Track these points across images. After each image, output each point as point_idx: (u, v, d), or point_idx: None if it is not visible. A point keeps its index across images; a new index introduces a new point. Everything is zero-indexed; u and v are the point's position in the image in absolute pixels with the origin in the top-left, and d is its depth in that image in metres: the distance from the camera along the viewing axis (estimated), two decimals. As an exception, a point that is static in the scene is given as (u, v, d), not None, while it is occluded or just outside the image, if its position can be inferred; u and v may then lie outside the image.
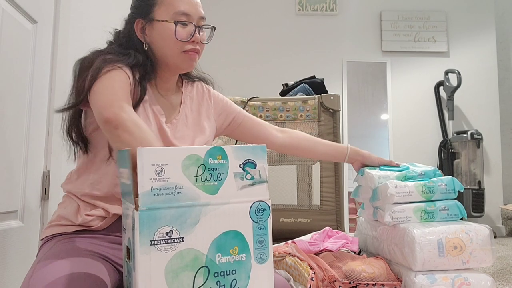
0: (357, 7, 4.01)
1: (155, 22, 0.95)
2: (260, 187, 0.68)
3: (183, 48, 0.95)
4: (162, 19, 0.94)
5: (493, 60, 3.96)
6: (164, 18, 0.94)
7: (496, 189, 3.81)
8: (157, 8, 0.95)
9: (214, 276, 0.64)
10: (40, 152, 1.42)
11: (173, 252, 0.61)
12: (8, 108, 1.20)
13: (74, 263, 0.75)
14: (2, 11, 1.16)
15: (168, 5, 0.94)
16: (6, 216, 1.22)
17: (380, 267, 1.28)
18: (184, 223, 0.62)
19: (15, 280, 1.24)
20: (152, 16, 0.95)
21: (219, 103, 1.13)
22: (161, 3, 0.95)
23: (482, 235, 1.25)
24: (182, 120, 1.02)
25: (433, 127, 3.89)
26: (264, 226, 0.68)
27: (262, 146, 0.69)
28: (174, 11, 0.94)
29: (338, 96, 2.14)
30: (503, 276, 1.96)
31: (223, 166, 0.65)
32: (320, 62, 3.91)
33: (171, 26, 0.94)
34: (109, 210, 0.89)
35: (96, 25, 1.90)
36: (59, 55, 1.49)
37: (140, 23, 0.97)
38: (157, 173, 0.61)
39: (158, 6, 0.95)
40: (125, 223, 0.70)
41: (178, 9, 0.94)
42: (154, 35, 0.96)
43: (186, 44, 0.95)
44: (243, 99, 2.19)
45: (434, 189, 1.36)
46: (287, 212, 2.10)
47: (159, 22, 0.94)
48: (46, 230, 0.91)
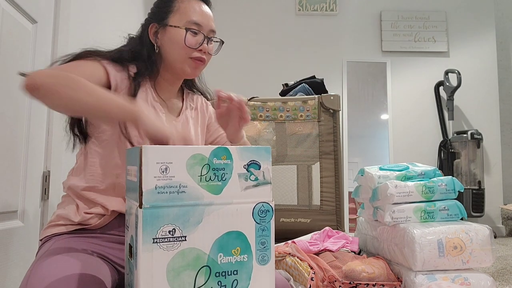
0: (357, 7, 4.01)
1: (168, 27, 1.01)
2: (263, 188, 0.68)
3: (190, 54, 1.01)
4: (175, 25, 1.01)
5: (493, 60, 3.96)
6: (177, 24, 1.01)
7: (496, 189, 3.82)
8: (172, 15, 1.02)
9: (216, 276, 0.64)
10: (40, 152, 1.42)
11: (175, 250, 0.61)
12: (8, 108, 1.20)
13: (73, 263, 0.75)
14: (2, 11, 1.16)
15: (182, 13, 1.01)
16: (6, 216, 1.22)
17: (380, 267, 1.28)
18: (187, 222, 0.62)
19: (15, 280, 1.24)
20: (166, 21, 1.02)
21: (212, 117, 1.18)
22: (176, 11, 1.02)
23: (482, 235, 1.26)
24: (183, 123, 1.06)
25: (433, 127, 3.89)
26: (266, 228, 0.68)
27: (266, 147, 0.69)
28: (187, 20, 1.01)
29: (338, 96, 2.14)
30: (503, 276, 1.96)
31: (228, 166, 0.66)
32: (320, 62, 3.91)
33: (182, 32, 1.00)
34: (107, 207, 0.90)
35: (96, 25, 1.90)
36: (59, 55, 1.49)
37: (154, 27, 1.03)
38: (162, 171, 0.61)
39: (173, 13, 1.02)
40: (128, 221, 0.70)
41: (191, 18, 1.01)
42: (165, 39, 1.02)
43: (194, 51, 1.01)
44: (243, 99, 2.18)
45: (434, 189, 1.36)
46: (287, 212, 2.10)
47: (172, 28, 1.01)
48: (45, 230, 0.92)
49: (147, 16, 1.07)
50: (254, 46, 3.94)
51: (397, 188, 1.34)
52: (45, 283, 0.68)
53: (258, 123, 2.17)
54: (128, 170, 0.73)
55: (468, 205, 3.43)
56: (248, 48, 3.93)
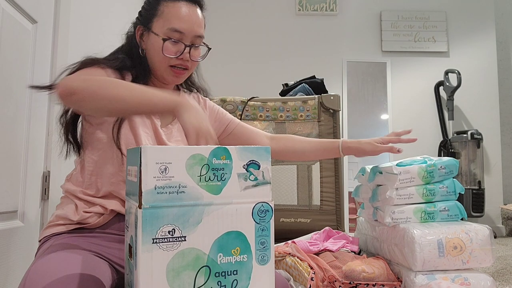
0: (357, 7, 4.01)
1: (150, 32, 0.99)
2: (263, 188, 0.68)
3: (170, 62, 0.99)
4: (156, 32, 0.98)
5: (493, 60, 3.96)
6: (158, 32, 0.98)
7: (496, 189, 3.82)
8: (156, 20, 0.99)
9: (215, 276, 0.63)
10: (40, 152, 1.42)
11: (175, 251, 0.61)
12: (8, 108, 1.20)
13: (71, 262, 0.75)
14: (2, 11, 1.16)
15: (165, 19, 0.98)
16: (6, 216, 1.22)
17: (380, 267, 1.28)
18: (186, 222, 0.62)
19: (15, 280, 1.24)
20: (150, 26, 0.99)
21: (213, 113, 1.18)
22: (160, 16, 0.99)
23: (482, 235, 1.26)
24: (178, 126, 1.05)
25: (433, 127, 3.89)
26: (266, 228, 0.68)
27: (266, 147, 0.69)
28: (169, 27, 0.97)
29: (338, 96, 2.14)
30: (503, 276, 1.96)
31: (227, 166, 0.66)
32: (320, 62, 3.91)
33: (160, 41, 0.97)
34: (106, 207, 0.91)
35: (96, 25, 1.90)
36: (59, 55, 1.49)
37: (140, 29, 1.02)
38: (161, 171, 0.61)
39: (157, 18, 0.99)
40: (128, 221, 0.70)
41: (172, 26, 0.97)
42: (149, 45, 1.00)
43: (174, 60, 0.99)
44: (243, 99, 2.19)
45: (435, 191, 1.36)
46: (287, 212, 2.10)
47: (153, 34, 0.98)
48: (44, 231, 0.92)
49: (136, 17, 1.05)
50: (254, 46, 3.94)
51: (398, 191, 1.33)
52: (43, 283, 0.68)
53: (258, 123, 2.17)
54: (128, 170, 0.73)
55: (468, 205, 3.43)
56: (248, 48, 3.93)
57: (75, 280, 0.70)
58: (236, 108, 2.16)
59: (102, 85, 0.80)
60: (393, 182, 1.31)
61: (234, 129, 1.20)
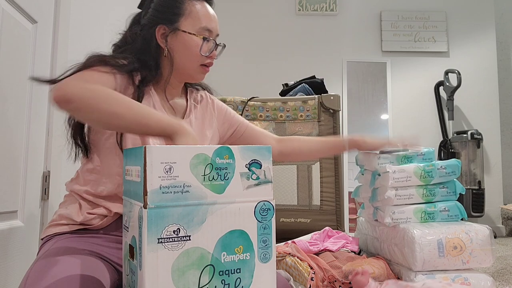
0: (357, 7, 4.01)
1: (180, 32, 0.97)
2: (265, 187, 0.69)
3: (202, 61, 1.00)
4: (189, 31, 0.97)
5: (493, 60, 3.96)
6: (191, 31, 0.97)
7: (496, 189, 3.82)
8: (184, 19, 0.98)
9: (219, 274, 0.64)
10: (40, 152, 1.41)
11: (180, 250, 0.61)
12: (8, 108, 1.20)
13: (73, 263, 0.75)
14: (2, 11, 1.16)
15: (194, 18, 0.98)
16: (6, 216, 1.21)
17: (380, 267, 1.28)
18: (191, 222, 0.62)
19: (15, 280, 1.24)
20: (177, 25, 0.97)
21: (222, 113, 1.16)
22: (188, 15, 0.98)
23: (482, 235, 1.26)
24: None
25: (433, 127, 3.89)
26: (268, 226, 0.68)
27: (267, 147, 0.69)
28: (200, 26, 0.98)
29: (338, 96, 2.14)
30: (503, 276, 1.96)
31: (230, 165, 0.66)
32: (320, 62, 3.91)
33: (197, 40, 0.97)
34: (111, 209, 0.90)
35: (96, 25, 1.90)
36: (59, 55, 1.49)
37: (162, 29, 0.98)
38: (166, 171, 0.61)
39: (184, 17, 0.98)
40: (128, 221, 0.70)
41: (203, 25, 0.98)
42: (177, 44, 0.98)
43: (206, 58, 1.00)
44: (243, 99, 2.19)
45: (436, 192, 1.36)
46: (287, 212, 2.10)
47: (186, 34, 0.97)
48: (47, 229, 0.92)
49: (150, 14, 0.99)
50: (254, 46, 3.94)
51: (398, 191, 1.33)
52: (44, 283, 0.68)
53: (258, 123, 2.17)
54: (127, 170, 0.72)
55: (468, 205, 3.43)
56: (248, 48, 3.93)
57: (76, 282, 0.70)
58: (236, 108, 2.16)
59: (101, 99, 0.77)
60: (387, 180, 1.31)
61: (244, 132, 1.18)
